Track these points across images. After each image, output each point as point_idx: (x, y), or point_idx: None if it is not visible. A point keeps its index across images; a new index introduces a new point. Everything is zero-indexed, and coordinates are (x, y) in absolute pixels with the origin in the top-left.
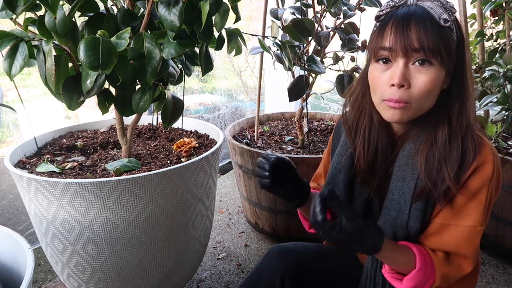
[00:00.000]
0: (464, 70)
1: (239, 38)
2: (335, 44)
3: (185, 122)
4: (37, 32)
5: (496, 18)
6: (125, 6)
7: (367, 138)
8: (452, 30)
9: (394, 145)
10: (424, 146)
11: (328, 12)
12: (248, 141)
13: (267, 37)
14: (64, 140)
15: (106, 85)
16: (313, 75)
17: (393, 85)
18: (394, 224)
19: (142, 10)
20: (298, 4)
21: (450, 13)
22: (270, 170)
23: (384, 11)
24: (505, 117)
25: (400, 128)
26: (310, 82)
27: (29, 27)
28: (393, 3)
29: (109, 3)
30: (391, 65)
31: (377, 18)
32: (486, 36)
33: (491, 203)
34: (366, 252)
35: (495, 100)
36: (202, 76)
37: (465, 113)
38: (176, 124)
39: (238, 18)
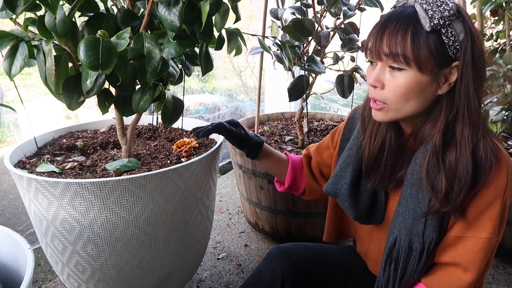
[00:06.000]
0: (465, 77)
1: (239, 38)
2: (335, 44)
3: (185, 122)
4: (37, 32)
5: (496, 18)
6: (125, 6)
7: (375, 131)
8: (444, 34)
9: (404, 143)
10: (425, 157)
11: (328, 12)
12: None
13: (267, 37)
14: (64, 140)
15: (106, 85)
16: (313, 75)
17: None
18: (410, 232)
19: (142, 10)
20: (298, 4)
21: (439, 15)
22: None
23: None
24: (505, 117)
25: (406, 126)
26: (310, 82)
27: (29, 27)
28: (397, 3)
29: (109, 3)
30: (375, 65)
31: (380, 18)
32: (486, 36)
33: (505, 213)
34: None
35: (495, 100)
36: (202, 76)
37: (470, 123)
38: (176, 124)
39: (238, 18)
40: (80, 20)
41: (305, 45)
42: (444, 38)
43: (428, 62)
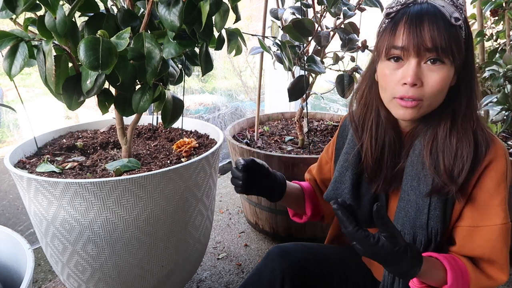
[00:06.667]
0: (472, 67)
1: (239, 38)
2: (335, 44)
3: (185, 122)
4: (37, 32)
5: (496, 18)
6: (125, 6)
7: (374, 134)
8: (462, 28)
9: (401, 142)
10: (429, 140)
11: (328, 12)
12: (248, 141)
13: (267, 37)
14: (64, 140)
15: (106, 85)
16: (313, 75)
17: (405, 83)
18: (413, 225)
19: (142, 10)
20: (298, 4)
21: (460, 11)
22: (244, 179)
23: (394, 8)
24: (505, 117)
25: (407, 125)
26: (310, 82)
27: (29, 27)
28: (404, 0)
29: (109, 3)
30: (403, 63)
31: (387, 15)
32: (486, 36)
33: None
34: (397, 275)
35: (495, 100)
36: (202, 76)
37: (474, 108)
38: (176, 124)
39: (238, 18)
40: (80, 20)
41: (305, 45)
42: (462, 32)
43: (458, 54)
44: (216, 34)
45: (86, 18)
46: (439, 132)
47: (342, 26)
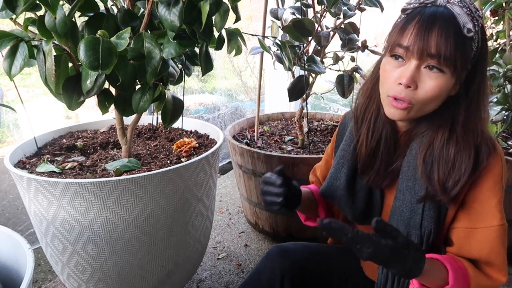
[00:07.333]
0: (482, 79)
1: (239, 38)
2: (335, 44)
3: (185, 122)
4: (37, 32)
5: (496, 18)
6: (125, 6)
7: (372, 126)
8: (474, 40)
9: (397, 139)
10: (423, 148)
11: (328, 12)
12: (248, 141)
13: (267, 37)
14: (64, 140)
15: (106, 85)
16: (313, 75)
17: (400, 83)
18: (407, 225)
19: (142, 10)
20: (298, 4)
21: (476, 22)
22: (284, 195)
23: (412, 5)
24: (505, 117)
25: (404, 125)
26: (310, 82)
27: (29, 27)
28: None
29: (109, 3)
30: (404, 63)
31: (403, 11)
32: (486, 36)
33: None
34: (403, 276)
35: (495, 100)
36: (202, 76)
37: (479, 121)
38: (176, 124)
39: (238, 18)
40: (80, 20)
41: (305, 45)
42: (473, 44)
43: (462, 65)
44: (216, 34)
45: (86, 18)
46: (435, 141)
47: (342, 26)
